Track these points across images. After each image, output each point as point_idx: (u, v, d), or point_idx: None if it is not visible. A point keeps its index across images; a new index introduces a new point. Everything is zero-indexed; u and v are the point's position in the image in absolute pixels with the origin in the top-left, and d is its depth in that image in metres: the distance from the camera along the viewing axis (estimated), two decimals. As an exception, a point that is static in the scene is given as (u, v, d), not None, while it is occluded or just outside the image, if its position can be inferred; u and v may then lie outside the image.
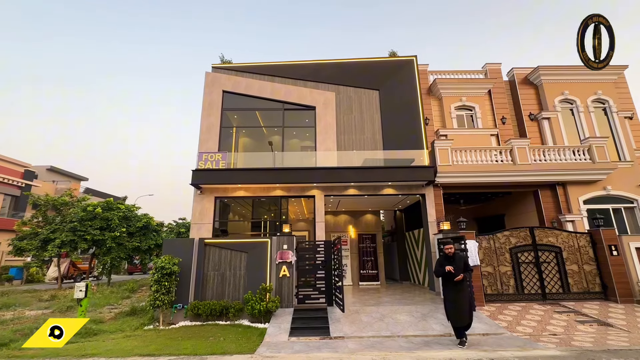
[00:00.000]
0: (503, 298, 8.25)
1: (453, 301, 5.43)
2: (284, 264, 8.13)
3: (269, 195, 10.47)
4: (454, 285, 5.44)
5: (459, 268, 5.45)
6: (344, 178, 10.06)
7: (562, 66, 12.04)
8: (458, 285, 5.41)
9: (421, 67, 12.66)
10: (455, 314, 5.40)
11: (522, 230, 8.77)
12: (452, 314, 5.47)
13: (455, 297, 5.42)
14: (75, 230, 15.55)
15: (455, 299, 5.41)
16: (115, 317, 8.25)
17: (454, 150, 10.41)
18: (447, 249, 5.63)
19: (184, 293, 7.91)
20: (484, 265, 8.49)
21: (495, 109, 12.22)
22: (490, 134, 11.80)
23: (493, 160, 10.33)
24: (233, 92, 11.57)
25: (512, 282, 8.38)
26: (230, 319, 7.50)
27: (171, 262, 7.53)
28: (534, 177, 10.22)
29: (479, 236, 8.70)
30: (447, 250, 5.63)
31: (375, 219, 14.38)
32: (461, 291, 5.41)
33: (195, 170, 9.96)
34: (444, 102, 12.22)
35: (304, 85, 11.91)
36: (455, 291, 5.43)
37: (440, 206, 10.37)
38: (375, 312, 7.47)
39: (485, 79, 12.30)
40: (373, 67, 12.21)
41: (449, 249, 5.64)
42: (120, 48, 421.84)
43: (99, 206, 16.94)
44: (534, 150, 10.51)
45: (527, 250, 8.60)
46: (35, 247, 15.22)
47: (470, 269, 5.64)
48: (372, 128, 11.61)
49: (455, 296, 5.41)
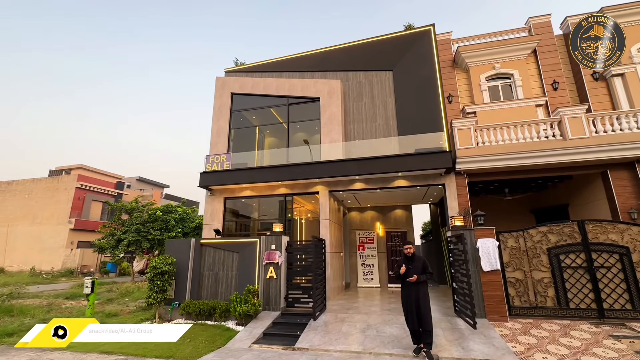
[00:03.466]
0: (537, 312, 6.41)
1: (406, 302, 5.14)
2: (271, 265, 7.78)
3: (274, 194, 10.25)
4: (408, 286, 5.13)
5: (415, 269, 5.11)
6: (347, 171, 9.20)
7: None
8: (413, 286, 5.07)
9: (443, 36, 10.85)
10: (408, 315, 5.11)
11: (565, 224, 6.69)
12: (405, 316, 5.20)
13: (408, 297, 5.11)
14: (139, 231, 17.91)
15: (408, 300, 5.11)
16: (132, 311, 9.06)
17: (480, 130, 8.58)
18: (407, 249, 5.31)
19: (181, 291, 8.21)
20: (510, 270, 6.73)
21: (543, 72, 9.67)
22: (536, 104, 9.40)
23: (534, 138, 8.17)
24: (240, 93, 11.68)
25: (550, 293, 6.46)
26: (217, 319, 7.49)
27: (165, 262, 7.88)
28: (597, 154, 7.72)
29: (503, 233, 6.93)
30: (407, 250, 5.31)
31: (405, 215, 12.98)
32: (416, 292, 5.05)
33: (203, 173, 10.34)
34: (471, 74, 10.20)
35: (311, 77, 11.35)
36: (409, 292, 5.12)
37: (465, 197, 8.66)
38: (361, 322, 6.57)
39: (528, 37, 9.82)
40: (385, 45, 10.92)
41: (409, 249, 5.30)
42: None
43: (159, 209, 19.23)
44: (598, 118, 7.96)
45: (575, 251, 6.51)
46: (111, 246, 18.04)
47: (429, 272, 5.17)
48: (384, 114, 10.41)
49: (408, 297, 5.10)
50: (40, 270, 22.75)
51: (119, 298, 11.50)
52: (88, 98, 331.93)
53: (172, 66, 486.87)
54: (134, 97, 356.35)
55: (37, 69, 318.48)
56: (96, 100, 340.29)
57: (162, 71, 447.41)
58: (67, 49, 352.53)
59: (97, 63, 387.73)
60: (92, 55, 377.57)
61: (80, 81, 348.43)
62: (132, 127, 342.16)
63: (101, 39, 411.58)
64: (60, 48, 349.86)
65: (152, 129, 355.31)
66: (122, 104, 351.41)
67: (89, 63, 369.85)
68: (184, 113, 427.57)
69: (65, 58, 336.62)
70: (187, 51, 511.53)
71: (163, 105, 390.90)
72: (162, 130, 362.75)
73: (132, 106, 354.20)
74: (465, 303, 6.14)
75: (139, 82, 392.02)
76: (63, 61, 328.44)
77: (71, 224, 24.65)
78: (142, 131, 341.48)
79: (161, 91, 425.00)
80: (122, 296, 11.94)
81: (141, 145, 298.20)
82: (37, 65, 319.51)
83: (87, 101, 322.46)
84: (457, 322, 6.31)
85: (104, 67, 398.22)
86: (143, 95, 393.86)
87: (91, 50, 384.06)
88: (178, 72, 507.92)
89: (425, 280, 5.09)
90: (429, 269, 5.14)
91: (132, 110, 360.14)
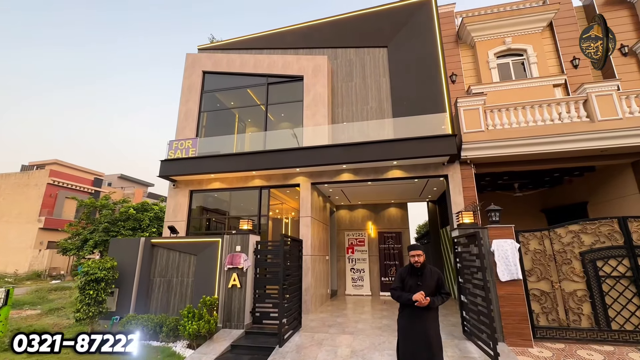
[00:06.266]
0: (569, 335, 4.99)
1: (407, 334, 3.26)
2: (234, 271, 6.26)
3: (247, 187, 8.74)
4: (413, 312, 3.23)
5: (427, 287, 3.25)
6: (333, 159, 7.74)
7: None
8: (421, 313, 3.20)
9: (446, 7, 9.51)
10: (404, 353, 3.26)
11: (603, 222, 5.29)
12: (403, 354, 3.31)
13: (410, 328, 3.24)
14: (108, 231, 16.19)
15: (410, 331, 3.23)
16: (70, 325, 7.42)
17: (490, 110, 7.20)
18: (415, 257, 3.35)
19: (124, 303, 6.65)
20: (533, 280, 5.31)
21: (561, 47, 8.34)
22: (554, 84, 8.06)
23: (555, 120, 6.81)
24: (213, 71, 10.17)
25: (586, 309, 5.04)
26: (163, 339, 5.93)
27: (102, 266, 6.31)
28: (632, 138, 6.35)
29: (524, 233, 5.52)
30: (415, 258, 3.36)
31: (401, 213, 11.55)
32: (423, 322, 3.20)
33: (164, 161, 8.79)
34: (477, 50, 8.85)
35: (295, 54, 9.90)
36: (412, 320, 3.25)
37: (472, 191, 7.25)
38: (344, 346, 5.07)
39: (543, 7, 8.50)
40: (379, 18, 9.53)
41: (417, 256, 3.35)
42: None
43: (132, 207, 17.52)
44: (630, 97, 6.63)
45: (616, 256, 5.11)
46: (76, 246, 16.29)
47: (445, 292, 3.33)
48: (378, 96, 9.00)
49: (411, 328, 3.23)
50: (4, 272, 20.86)
51: (67, 307, 9.83)
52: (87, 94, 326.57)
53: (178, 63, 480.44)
54: (133, 97, 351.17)
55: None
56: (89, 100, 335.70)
57: (162, 68, 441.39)
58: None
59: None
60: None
61: (79, 77, 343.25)
62: (122, 124, 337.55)
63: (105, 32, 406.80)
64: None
65: (146, 125, 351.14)
66: (122, 104, 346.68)
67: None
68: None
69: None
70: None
71: (162, 103, 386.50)
72: (154, 125, 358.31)
73: (130, 105, 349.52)
74: (480, 324, 4.68)
75: (138, 80, 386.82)
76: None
77: (41, 223, 22.76)
78: (131, 128, 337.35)
79: (162, 91, 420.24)
80: (73, 305, 10.26)
81: (137, 141, 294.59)
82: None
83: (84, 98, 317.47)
84: (467, 347, 4.85)
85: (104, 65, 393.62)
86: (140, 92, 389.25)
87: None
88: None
89: (438, 306, 3.32)
90: (445, 289, 3.38)
91: (127, 109, 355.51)
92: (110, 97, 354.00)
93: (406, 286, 3.38)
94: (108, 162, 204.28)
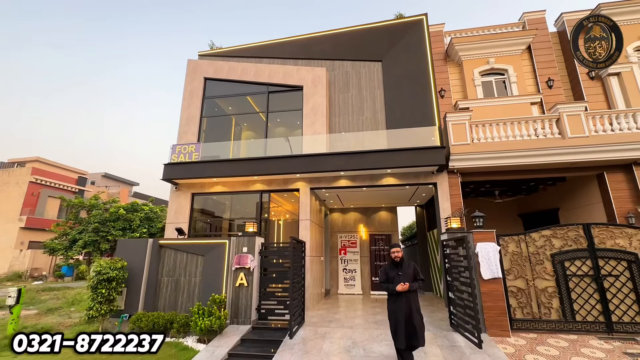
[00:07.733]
0: (541, 326, 5.73)
1: (395, 315, 4.28)
2: (241, 271, 6.70)
3: (249, 191, 9.16)
4: (397, 297, 4.29)
5: (405, 276, 4.33)
6: (332, 166, 8.29)
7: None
8: (403, 296, 4.24)
9: (436, 27, 10.26)
10: (396, 330, 4.24)
11: (571, 228, 6.09)
12: (393, 332, 4.31)
13: (397, 310, 4.26)
14: (98, 231, 16.09)
15: (397, 312, 4.25)
16: (74, 324, 7.63)
17: (475, 125, 7.96)
18: (394, 253, 4.45)
19: (133, 302, 6.94)
20: (511, 278, 6.04)
21: (538, 69, 9.26)
22: (531, 102, 8.94)
23: (531, 136, 7.63)
24: (214, 78, 10.52)
25: (555, 304, 5.81)
26: (174, 335, 6.30)
27: (113, 266, 6.60)
28: (596, 154, 7.27)
29: (504, 237, 6.25)
30: (394, 254, 4.46)
31: (390, 217, 12.23)
32: (407, 303, 4.22)
33: (168, 164, 9.09)
34: (464, 68, 9.65)
35: (294, 64, 10.39)
36: (398, 303, 4.28)
37: (458, 198, 7.99)
38: (345, 338, 5.63)
39: (522, 32, 9.39)
40: (374, 34, 10.17)
41: (396, 252, 4.45)
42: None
43: (122, 207, 17.43)
44: (595, 117, 7.54)
45: (581, 257, 5.91)
46: (64, 247, 16.09)
47: (420, 278, 4.42)
48: (372, 107, 9.62)
49: (398, 309, 4.25)
50: (-17, 273, 20.19)
51: (64, 307, 9.92)
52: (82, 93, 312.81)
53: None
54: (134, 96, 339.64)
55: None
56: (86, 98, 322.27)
57: (162, 66, 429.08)
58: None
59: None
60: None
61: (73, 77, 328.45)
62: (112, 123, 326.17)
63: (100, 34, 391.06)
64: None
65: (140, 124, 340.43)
66: (121, 103, 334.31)
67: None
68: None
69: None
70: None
71: (161, 101, 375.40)
72: (151, 128, 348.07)
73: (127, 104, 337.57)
74: (466, 317, 5.35)
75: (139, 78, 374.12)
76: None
77: (22, 222, 22.15)
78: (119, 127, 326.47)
79: (161, 91, 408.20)
80: (68, 305, 10.34)
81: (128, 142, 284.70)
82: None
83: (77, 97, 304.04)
84: (454, 338, 5.51)
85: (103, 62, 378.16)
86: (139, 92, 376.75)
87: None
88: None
89: (416, 289, 4.33)
90: (420, 276, 4.42)
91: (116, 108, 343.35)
92: (99, 96, 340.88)
93: (390, 277, 4.39)
94: (90, 161, 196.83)
